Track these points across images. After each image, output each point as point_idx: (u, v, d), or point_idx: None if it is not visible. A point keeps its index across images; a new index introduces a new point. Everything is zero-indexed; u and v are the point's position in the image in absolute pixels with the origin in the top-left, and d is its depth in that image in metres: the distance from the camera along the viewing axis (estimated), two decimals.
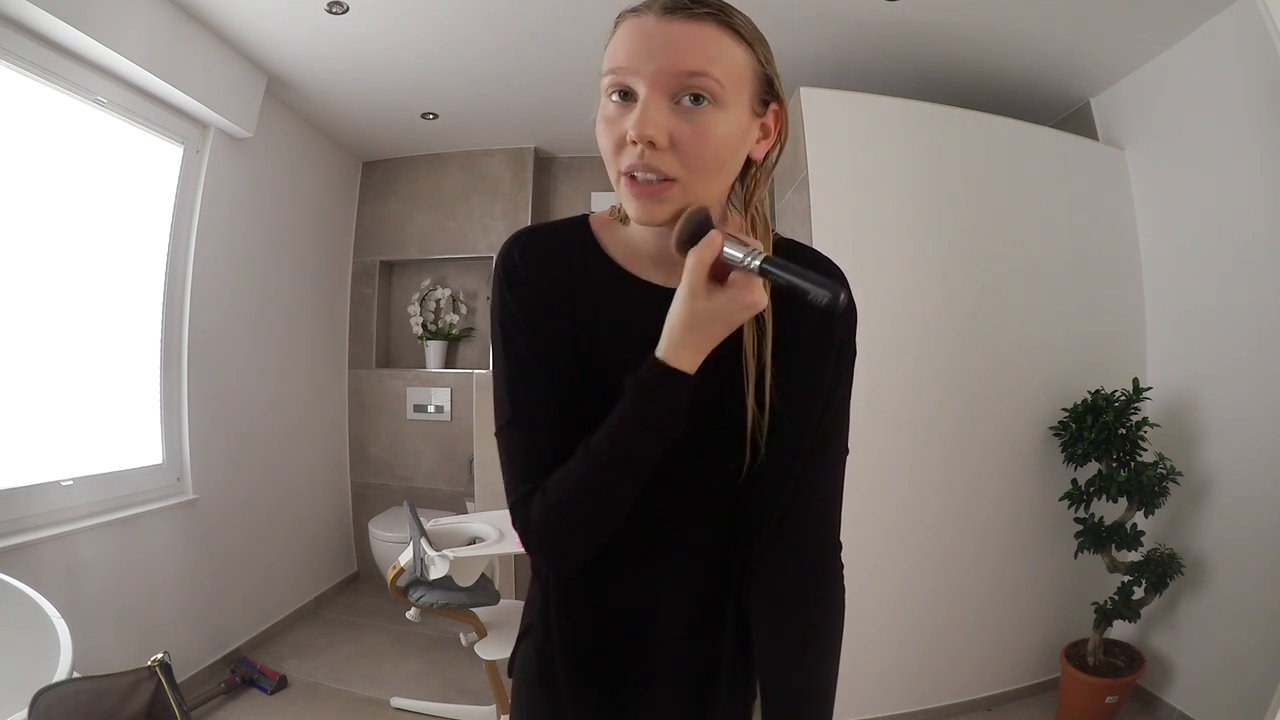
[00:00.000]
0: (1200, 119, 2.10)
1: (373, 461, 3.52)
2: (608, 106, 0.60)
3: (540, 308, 0.67)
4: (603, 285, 0.69)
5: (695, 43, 0.56)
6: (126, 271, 2.21)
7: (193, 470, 2.37)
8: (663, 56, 0.56)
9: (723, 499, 0.71)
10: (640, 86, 0.57)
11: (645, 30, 0.57)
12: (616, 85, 0.59)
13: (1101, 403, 2.09)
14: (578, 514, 0.63)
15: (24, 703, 1.02)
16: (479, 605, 1.97)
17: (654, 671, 0.75)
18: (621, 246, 0.70)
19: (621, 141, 0.58)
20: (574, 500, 0.63)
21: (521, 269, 0.68)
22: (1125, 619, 2.04)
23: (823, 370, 0.69)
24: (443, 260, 3.54)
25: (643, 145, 0.57)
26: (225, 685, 2.26)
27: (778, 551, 0.70)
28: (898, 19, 2.10)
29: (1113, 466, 2.06)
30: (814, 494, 0.70)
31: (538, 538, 0.65)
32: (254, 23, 2.20)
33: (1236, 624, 1.95)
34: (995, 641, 2.26)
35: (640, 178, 0.58)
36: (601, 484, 0.62)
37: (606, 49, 0.61)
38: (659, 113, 0.57)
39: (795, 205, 2.21)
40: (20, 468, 1.81)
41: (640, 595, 0.73)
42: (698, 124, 0.57)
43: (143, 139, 2.21)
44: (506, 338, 0.67)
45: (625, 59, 0.58)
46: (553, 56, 2.43)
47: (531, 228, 0.72)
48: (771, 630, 0.71)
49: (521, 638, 0.82)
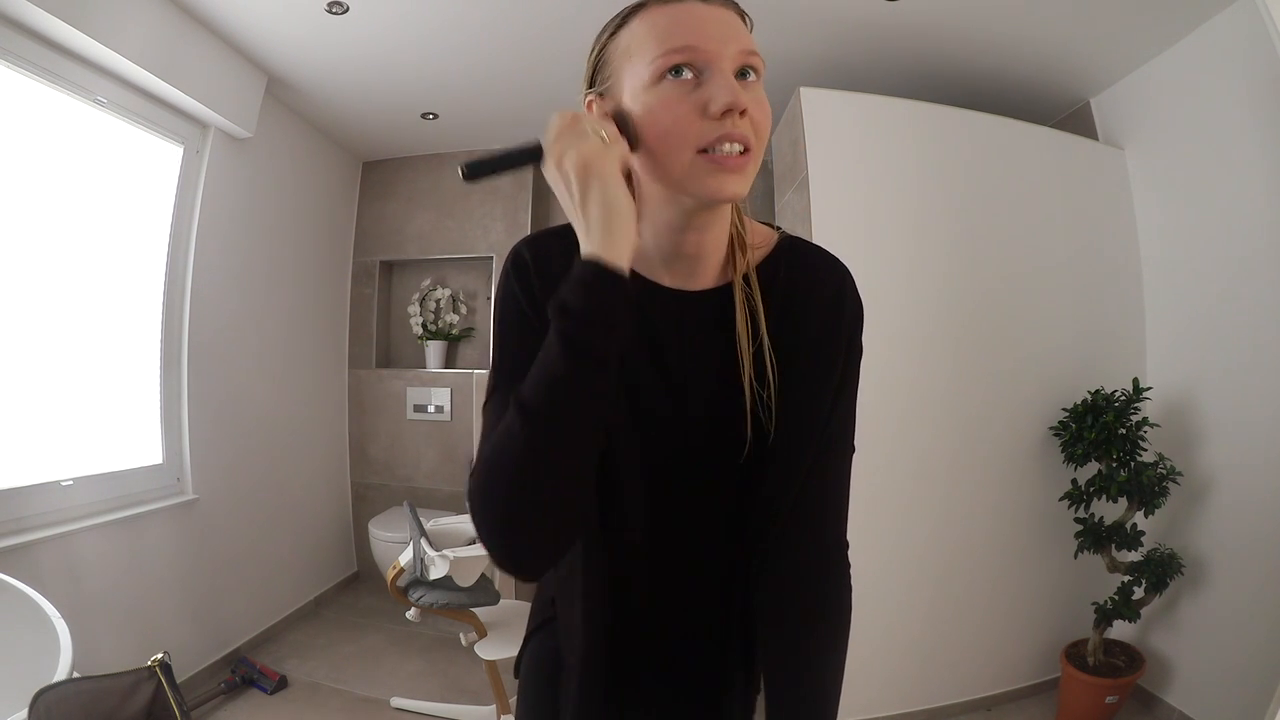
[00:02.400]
0: (1200, 119, 2.10)
1: (373, 461, 3.52)
2: (664, 89, 0.59)
3: (543, 296, 0.66)
4: None
5: (738, 24, 0.61)
6: (126, 271, 2.20)
7: (193, 470, 2.37)
8: (730, 35, 0.59)
9: (728, 493, 0.71)
10: (712, 63, 0.58)
11: (698, 13, 0.59)
12: (683, 63, 0.58)
13: (1101, 403, 2.09)
14: (515, 485, 0.55)
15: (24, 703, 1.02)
16: (479, 605, 1.97)
17: (665, 669, 0.75)
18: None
19: (697, 118, 0.58)
20: (509, 465, 0.55)
21: (531, 265, 0.68)
22: (1125, 619, 2.04)
23: (829, 368, 0.69)
24: (443, 260, 3.54)
25: (736, 114, 0.58)
26: (225, 685, 2.26)
27: (785, 549, 0.70)
28: (898, 19, 2.10)
29: (1113, 466, 2.06)
30: (821, 492, 0.71)
31: (478, 518, 0.58)
32: (254, 23, 2.20)
33: (1236, 624, 1.95)
34: (995, 641, 2.26)
35: (727, 150, 0.58)
36: (536, 438, 0.54)
37: (624, 40, 0.62)
38: (736, 85, 0.59)
39: (795, 205, 2.20)
40: (20, 468, 1.81)
41: (652, 594, 0.73)
42: (758, 96, 0.61)
43: (143, 139, 2.21)
44: (504, 326, 0.68)
45: (691, 38, 0.58)
46: (553, 56, 2.43)
47: (542, 231, 0.73)
48: (778, 628, 0.71)
49: (530, 638, 0.82)
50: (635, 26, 0.61)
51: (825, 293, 0.70)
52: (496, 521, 0.57)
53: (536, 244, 0.70)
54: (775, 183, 2.54)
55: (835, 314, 0.69)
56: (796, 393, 0.67)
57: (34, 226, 1.88)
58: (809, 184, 2.07)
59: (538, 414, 0.55)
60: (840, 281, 0.71)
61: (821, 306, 0.69)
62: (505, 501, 0.56)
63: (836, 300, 0.70)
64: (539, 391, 0.55)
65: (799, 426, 0.67)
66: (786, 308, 0.68)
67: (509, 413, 0.56)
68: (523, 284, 0.68)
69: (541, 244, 0.70)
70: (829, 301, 0.70)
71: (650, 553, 0.71)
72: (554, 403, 0.55)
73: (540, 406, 0.55)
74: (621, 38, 0.62)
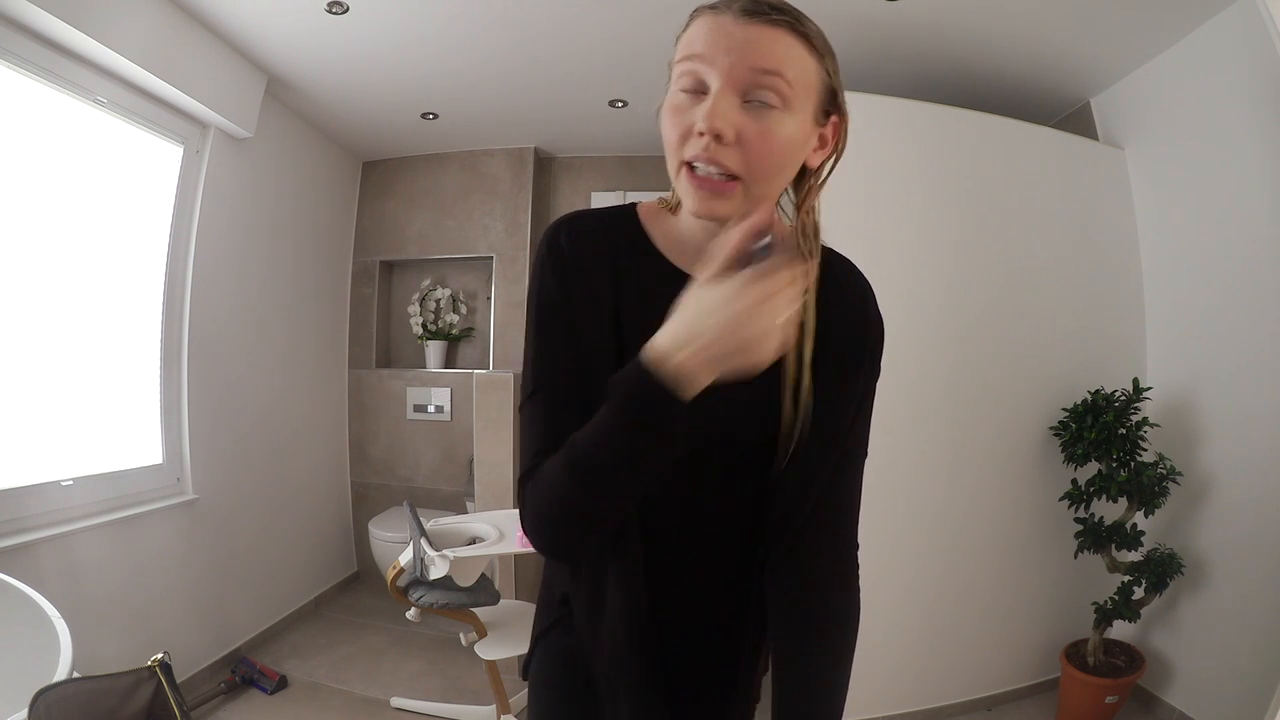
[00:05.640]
0: (1200, 119, 2.10)
1: (373, 461, 3.52)
2: (677, 96, 0.60)
3: (582, 292, 0.67)
4: (646, 274, 0.69)
5: (771, 44, 0.58)
6: (126, 271, 2.20)
7: (193, 470, 2.37)
8: (740, 52, 0.57)
9: (748, 500, 0.71)
10: (714, 79, 0.58)
11: (723, 27, 0.58)
12: (690, 74, 0.59)
13: (1102, 403, 2.09)
14: (563, 505, 0.60)
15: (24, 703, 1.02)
16: (479, 605, 1.97)
17: (679, 668, 0.75)
18: (668, 237, 0.70)
19: (688, 132, 0.58)
20: (556, 494, 0.60)
21: (568, 251, 0.67)
22: (1125, 619, 2.04)
23: (855, 379, 0.69)
24: (443, 260, 3.54)
25: (709, 138, 0.57)
26: (225, 685, 2.26)
27: (800, 552, 0.70)
28: (898, 19, 2.10)
29: (1113, 466, 2.06)
30: (838, 497, 0.71)
31: (528, 525, 0.64)
32: (254, 23, 2.20)
33: (1236, 624, 1.95)
34: (995, 641, 2.26)
35: (701, 171, 0.58)
36: (583, 486, 0.59)
37: (679, 40, 0.62)
38: (730, 108, 0.57)
39: None
40: (20, 468, 1.81)
41: (667, 593, 0.73)
42: (765, 124, 0.58)
43: (143, 139, 2.21)
44: (541, 318, 0.67)
45: (702, 48, 0.58)
46: (553, 56, 2.43)
47: (579, 213, 0.72)
48: (789, 628, 0.71)
49: (541, 637, 0.82)
50: (686, 30, 0.62)
51: (854, 310, 0.70)
52: (545, 543, 0.64)
53: (575, 228, 0.69)
54: None
55: (861, 330, 0.70)
56: (821, 408, 0.67)
57: (34, 227, 1.88)
58: None
59: (591, 477, 0.58)
60: (866, 298, 0.71)
61: (849, 323, 0.69)
62: (553, 530, 0.63)
63: (862, 317, 0.70)
64: (593, 454, 0.57)
65: (822, 441, 0.67)
66: (822, 316, 0.67)
67: (559, 460, 0.59)
68: (559, 277, 0.67)
69: (580, 227, 0.69)
70: (856, 318, 0.70)
71: (670, 551, 0.71)
72: (606, 468, 0.57)
73: (594, 472, 0.58)
74: (681, 37, 0.63)
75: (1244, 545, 1.95)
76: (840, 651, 0.71)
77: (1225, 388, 2.06)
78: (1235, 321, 2.03)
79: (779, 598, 0.72)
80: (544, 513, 0.62)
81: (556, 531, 0.63)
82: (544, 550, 0.66)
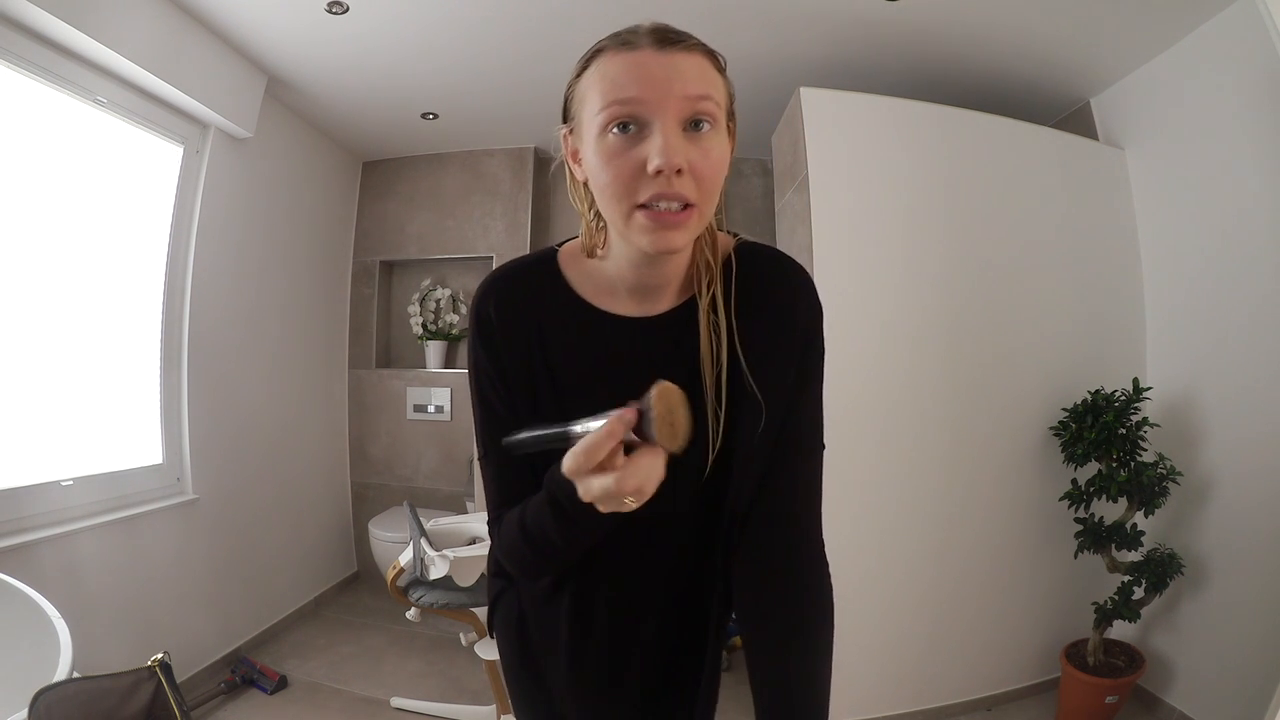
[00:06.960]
0: (1200, 119, 2.10)
1: (373, 461, 3.52)
2: (610, 140, 0.59)
3: (510, 357, 0.70)
4: (570, 324, 0.70)
5: (695, 70, 0.59)
6: (126, 271, 2.20)
7: (193, 470, 2.37)
8: (675, 84, 0.57)
9: (691, 500, 0.71)
10: (654, 116, 0.57)
11: (645, 62, 0.58)
12: (625, 117, 0.58)
13: (1101, 403, 2.09)
14: (522, 562, 0.72)
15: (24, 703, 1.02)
16: (479, 605, 1.97)
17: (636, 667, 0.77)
18: (587, 280, 0.71)
19: (636, 173, 0.58)
20: (516, 552, 0.71)
21: (495, 319, 0.70)
22: (1125, 619, 2.04)
23: (784, 367, 0.69)
24: (443, 260, 3.54)
25: (670, 174, 0.57)
26: (225, 685, 2.26)
27: (753, 548, 0.71)
28: (898, 19, 2.10)
29: (1113, 466, 2.06)
30: (787, 490, 0.71)
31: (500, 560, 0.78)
32: (254, 23, 2.20)
33: (1236, 624, 1.95)
34: (995, 641, 2.26)
35: (664, 207, 0.58)
36: (535, 549, 0.68)
37: (583, 82, 0.62)
38: (679, 140, 0.57)
39: (795, 205, 2.20)
40: (20, 468, 1.81)
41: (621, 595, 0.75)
42: (706, 148, 0.59)
43: (143, 139, 2.21)
44: (479, 386, 0.72)
45: (635, 90, 0.57)
46: (553, 56, 2.42)
47: (502, 273, 0.73)
48: (755, 626, 0.72)
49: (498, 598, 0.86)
50: (592, 72, 0.61)
51: (780, 297, 0.70)
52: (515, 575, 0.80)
53: (499, 294, 0.71)
54: (775, 183, 2.54)
55: (789, 316, 0.70)
56: (751, 400, 0.67)
57: (34, 226, 1.88)
58: (809, 184, 2.07)
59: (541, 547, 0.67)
60: (794, 284, 0.71)
61: (776, 310, 0.70)
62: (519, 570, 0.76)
63: (790, 303, 0.70)
64: (539, 528, 0.66)
65: (753, 427, 0.67)
66: (741, 316, 0.68)
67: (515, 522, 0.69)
68: (489, 349, 0.70)
69: (503, 293, 0.71)
70: (783, 305, 0.70)
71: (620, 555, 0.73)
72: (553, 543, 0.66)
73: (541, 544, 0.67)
74: (583, 81, 0.62)
75: (1244, 545, 1.95)
76: (808, 652, 0.70)
77: (1225, 388, 2.06)
78: (1235, 321, 2.03)
79: (742, 596, 0.72)
80: (508, 558, 0.74)
81: (522, 571, 0.75)
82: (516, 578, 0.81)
